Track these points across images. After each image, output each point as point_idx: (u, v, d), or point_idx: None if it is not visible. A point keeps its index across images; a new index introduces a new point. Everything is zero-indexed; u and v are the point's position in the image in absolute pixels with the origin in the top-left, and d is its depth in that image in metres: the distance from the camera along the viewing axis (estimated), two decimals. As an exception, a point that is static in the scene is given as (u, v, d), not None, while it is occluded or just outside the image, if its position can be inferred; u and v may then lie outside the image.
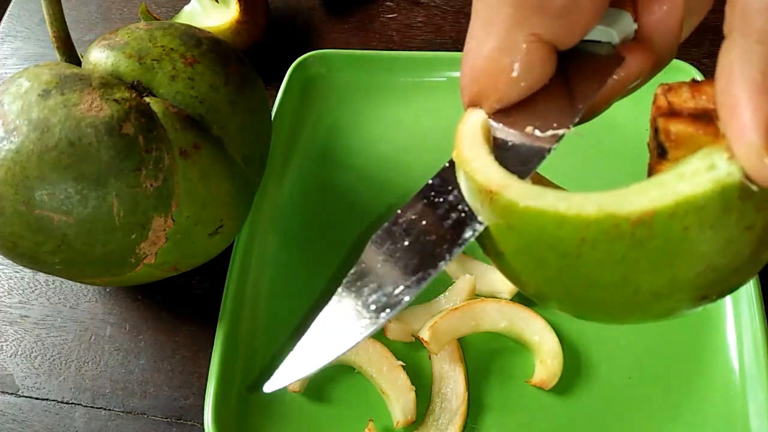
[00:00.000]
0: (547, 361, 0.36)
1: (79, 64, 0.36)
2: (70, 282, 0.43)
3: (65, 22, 0.35)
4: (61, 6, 0.35)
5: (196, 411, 0.38)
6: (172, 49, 0.35)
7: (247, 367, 0.38)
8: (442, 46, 0.52)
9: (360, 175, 0.45)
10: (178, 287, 0.42)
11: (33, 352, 0.41)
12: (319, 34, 0.54)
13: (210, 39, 0.37)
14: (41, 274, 0.44)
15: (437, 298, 0.39)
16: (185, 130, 0.33)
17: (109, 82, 0.33)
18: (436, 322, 0.36)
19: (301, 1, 0.56)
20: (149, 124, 0.32)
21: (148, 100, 0.33)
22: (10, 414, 0.39)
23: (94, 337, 0.41)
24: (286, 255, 0.42)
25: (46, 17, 0.35)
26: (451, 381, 0.36)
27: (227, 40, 0.48)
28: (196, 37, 0.36)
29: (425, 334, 0.35)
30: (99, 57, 0.34)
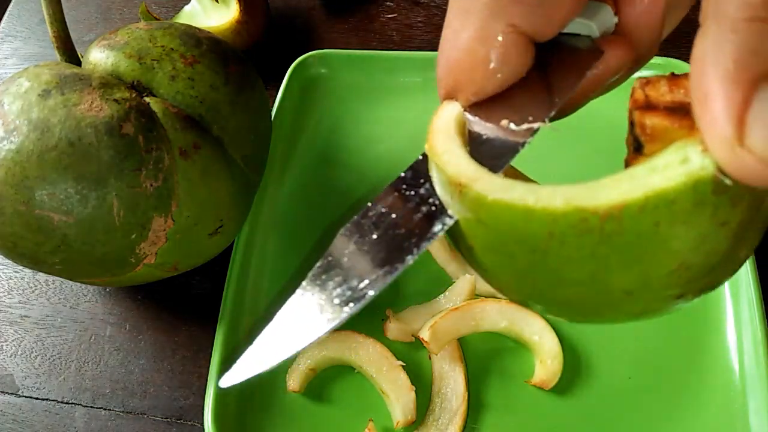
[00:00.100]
0: (547, 361, 0.36)
1: (79, 64, 0.36)
2: (70, 282, 0.43)
3: (65, 22, 0.35)
4: (61, 6, 0.35)
5: (196, 411, 0.38)
6: (172, 49, 0.35)
7: (247, 367, 0.38)
8: (442, 46, 0.52)
9: (360, 175, 0.45)
10: (178, 287, 0.42)
11: (33, 352, 0.41)
12: (319, 34, 0.54)
13: (210, 39, 0.37)
14: (41, 274, 0.44)
15: (437, 298, 0.39)
16: (185, 130, 0.33)
17: (109, 82, 0.33)
18: (436, 322, 0.36)
19: (301, 1, 0.56)
20: (149, 124, 0.32)
21: (148, 100, 0.33)
22: (10, 414, 0.39)
23: (94, 337, 0.41)
24: (286, 255, 0.42)
25: (46, 17, 0.35)
26: (451, 381, 0.36)
27: (227, 40, 0.48)
28: (196, 37, 0.36)
29: (425, 334, 0.35)
30: (99, 57, 0.34)
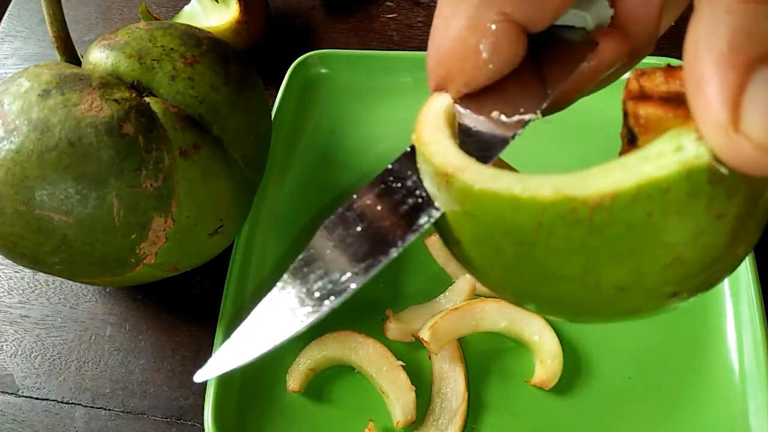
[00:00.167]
0: (547, 361, 0.36)
1: (79, 64, 0.36)
2: (70, 282, 0.43)
3: (65, 22, 0.35)
4: (61, 6, 0.35)
5: (196, 411, 0.38)
6: (172, 49, 0.35)
7: (247, 367, 0.38)
8: (442, 46, 0.52)
9: (360, 174, 0.45)
10: (178, 287, 0.42)
11: (33, 352, 0.41)
12: (319, 34, 0.54)
13: (210, 39, 0.37)
14: (41, 274, 0.44)
15: (437, 298, 0.39)
16: (185, 130, 0.33)
17: (109, 82, 0.33)
18: (436, 322, 0.36)
19: (301, 1, 0.56)
20: (149, 124, 0.32)
21: (148, 100, 0.33)
22: (10, 414, 0.39)
23: (94, 337, 0.41)
24: (286, 255, 0.42)
25: (46, 17, 0.35)
26: (451, 381, 0.36)
27: (227, 40, 0.48)
28: (196, 37, 0.36)
29: (425, 334, 0.35)
30: (99, 57, 0.34)
